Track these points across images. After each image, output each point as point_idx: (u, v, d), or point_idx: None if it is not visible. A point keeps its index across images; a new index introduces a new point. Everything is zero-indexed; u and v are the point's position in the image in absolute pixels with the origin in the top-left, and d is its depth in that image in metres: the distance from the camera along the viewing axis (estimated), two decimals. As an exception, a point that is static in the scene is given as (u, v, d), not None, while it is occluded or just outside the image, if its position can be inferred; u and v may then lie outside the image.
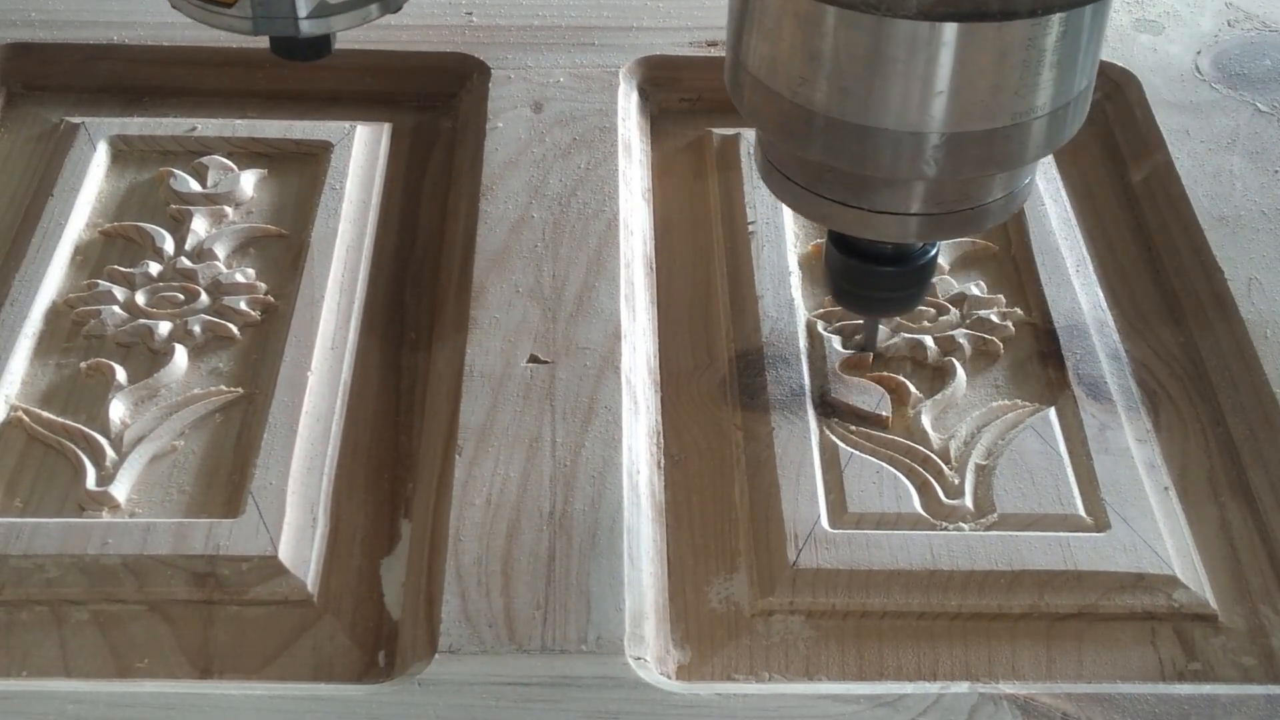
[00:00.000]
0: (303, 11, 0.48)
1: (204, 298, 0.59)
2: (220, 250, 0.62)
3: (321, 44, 0.50)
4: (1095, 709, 0.44)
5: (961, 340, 0.58)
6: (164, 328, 0.58)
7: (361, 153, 0.66)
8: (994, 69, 0.40)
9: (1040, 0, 0.38)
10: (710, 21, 0.73)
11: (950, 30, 0.39)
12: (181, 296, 0.59)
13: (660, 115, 0.71)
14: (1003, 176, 0.45)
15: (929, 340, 0.58)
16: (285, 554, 0.49)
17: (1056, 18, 0.40)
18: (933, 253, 0.51)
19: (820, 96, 0.42)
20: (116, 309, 0.59)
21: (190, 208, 0.64)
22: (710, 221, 0.65)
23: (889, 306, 0.54)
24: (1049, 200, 0.65)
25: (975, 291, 0.60)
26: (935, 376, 0.57)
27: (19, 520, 0.50)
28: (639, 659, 0.46)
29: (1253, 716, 0.45)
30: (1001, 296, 0.60)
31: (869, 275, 0.50)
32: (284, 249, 0.63)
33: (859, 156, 0.42)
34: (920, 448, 0.54)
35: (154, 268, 0.61)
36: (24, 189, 0.65)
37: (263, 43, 0.53)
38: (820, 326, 0.58)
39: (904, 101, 0.41)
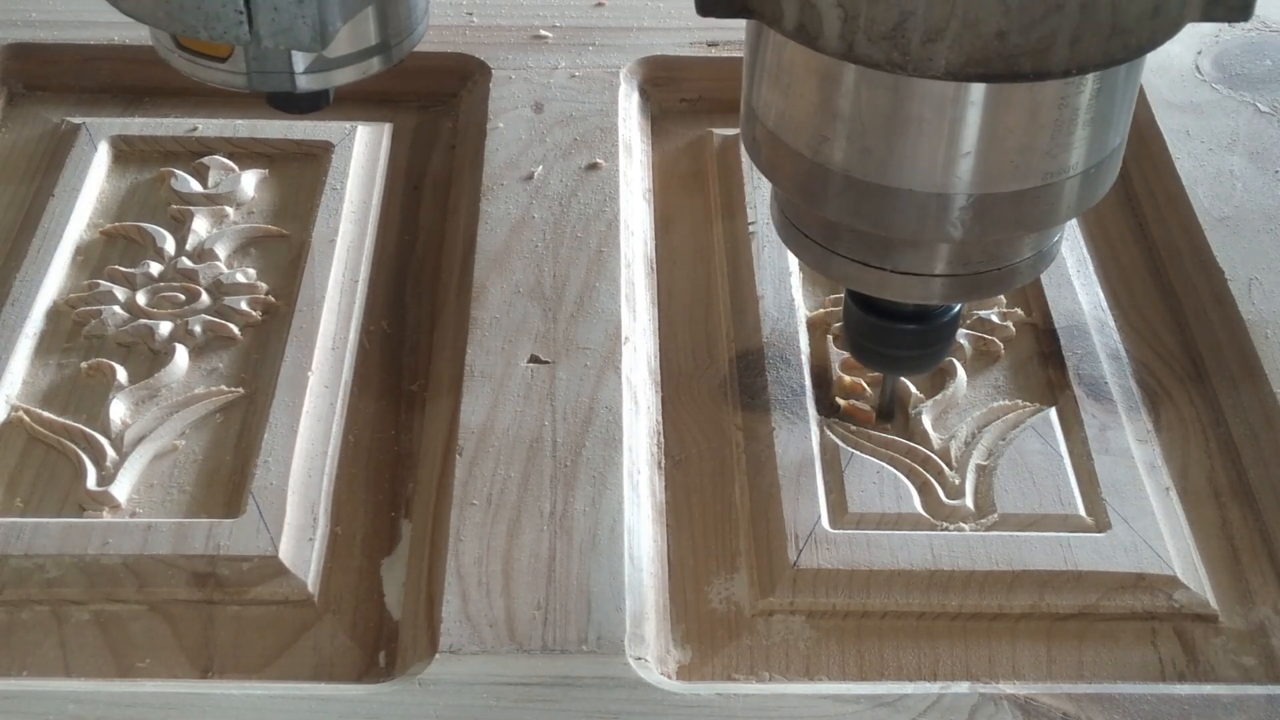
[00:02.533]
0: (299, 67, 0.46)
1: (205, 298, 0.59)
2: (221, 250, 0.62)
3: (319, 97, 0.48)
4: (1095, 709, 0.44)
5: (962, 341, 0.58)
6: (165, 328, 0.58)
7: (362, 153, 0.66)
8: (1024, 129, 0.38)
9: (1075, 59, 0.36)
10: (711, 22, 0.73)
11: (979, 90, 0.37)
12: (182, 296, 0.59)
13: (661, 115, 0.71)
14: (1032, 236, 0.43)
15: (929, 340, 0.58)
16: (286, 554, 0.49)
17: (1091, 76, 0.38)
18: (955, 310, 0.49)
19: (841, 156, 0.40)
20: (117, 309, 0.59)
21: (191, 208, 0.64)
22: (710, 221, 0.65)
23: (909, 365, 0.51)
24: (1049, 200, 0.65)
25: (976, 292, 0.60)
26: (936, 377, 0.57)
27: (19, 520, 0.50)
28: (639, 659, 0.46)
29: (1253, 716, 0.45)
30: (1002, 297, 0.60)
31: (889, 333, 0.48)
32: (285, 249, 0.63)
33: (881, 218, 0.41)
34: (921, 448, 0.54)
35: (155, 268, 0.61)
36: (25, 189, 0.65)
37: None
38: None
39: (929, 162, 0.39)
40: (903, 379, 0.56)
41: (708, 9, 0.38)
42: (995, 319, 0.59)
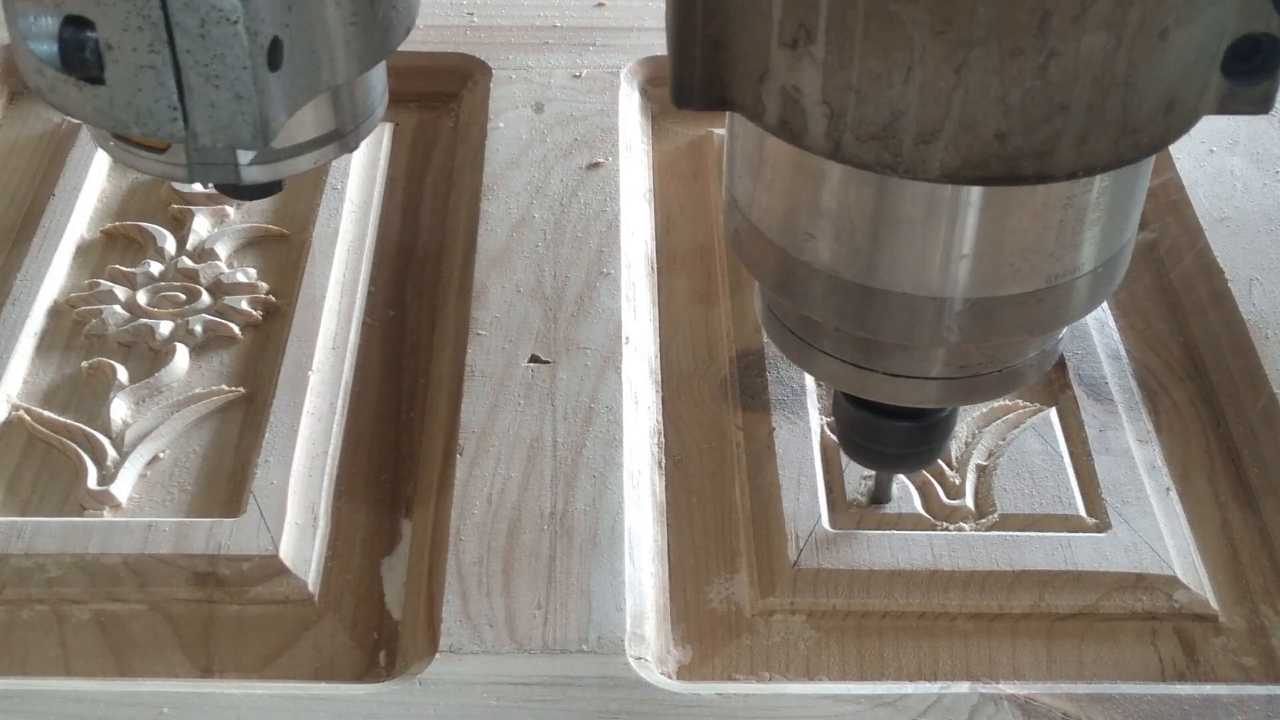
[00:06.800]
0: (244, 159, 0.42)
1: (205, 297, 0.59)
2: (221, 250, 0.62)
3: (271, 185, 0.44)
4: (1096, 709, 0.44)
5: (962, 341, 0.58)
6: (165, 327, 0.58)
7: (363, 152, 0.66)
8: (1026, 231, 0.35)
9: (1081, 161, 0.33)
10: (711, 22, 0.73)
11: (976, 192, 0.35)
12: (183, 296, 0.59)
13: (661, 115, 0.71)
14: (1036, 338, 0.41)
15: (930, 341, 0.57)
16: (286, 553, 0.49)
17: (1099, 175, 0.35)
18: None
19: (827, 255, 0.37)
20: (118, 308, 0.59)
21: (191, 207, 0.64)
22: (710, 221, 0.65)
23: (903, 463, 0.48)
24: (1050, 201, 0.65)
25: (976, 292, 0.60)
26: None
27: (20, 519, 0.50)
28: (640, 659, 0.46)
29: (1253, 716, 0.45)
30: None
31: (881, 430, 0.45)
32: (285, 248, 0.63)
33: (871, 321, 0.38)
34: (921, 448, 0.54)
35: (155, 267, 0.61)
36: (26, 188, 0.65)
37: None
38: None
39: (923, 264, 0.36)
40: None
41: (683, 101, 0.35)
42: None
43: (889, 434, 0.45)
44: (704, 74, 0.35)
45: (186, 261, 0.61)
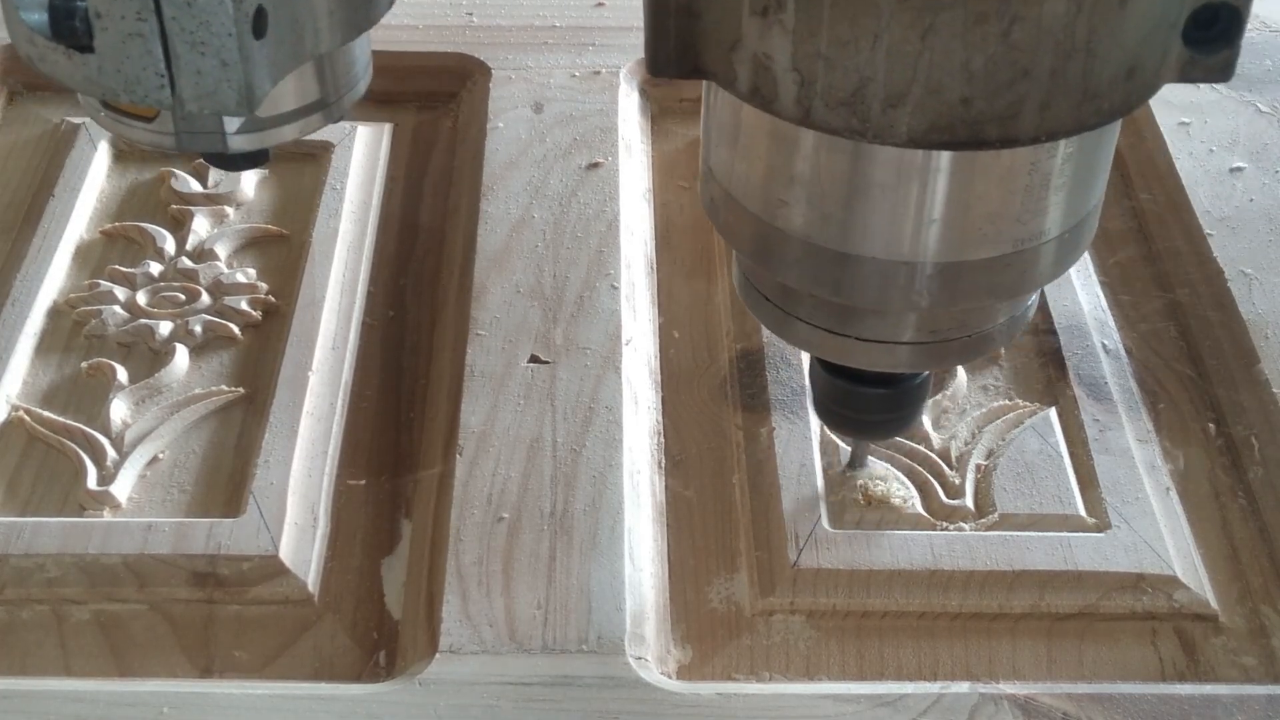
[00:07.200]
0: (231, 127, 0.44)
1: (205, 298, 0.59)
2: (221, 250, 0.62)
3: (258, 155, 0.45)
4: (1095, 709, 0.44)
5: (962, 340, 0.58)
6: (165, 328, 0.58)
7: (362, 153, 0.66)
8: (993, 196, 0.36)
9: (1044, 126, 0.34)
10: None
11: (944, 157, 0.35)
12: (182, 296, 0.59)
13: (661, 115, 0.71)
14: (1005, 303, 0.41)
15: (929, 340, 0.57)
16: (286, 553, 0.49)
17: (1063, 141, 0.36)
18: (926, 372, 0.47)
19: (800, 221, 0.38)
20: (118, 309, 0.59)
21: (191, 208, 0.64)
22: (710, 221, 0.65)
23: (879, 429, 0.49)
24: (1049, 200, 0.65)
25: (976, 292, 0.60)
26: (936, 377, 0.57)
27: (19, 520, 0.50)
28: (640, 659, 0.46)
29: (1253, 716, 0.45)
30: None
31: (856, 397, 0.46)
32: (285, 249, 0.63)
33: (843, 285, 0.39)
34: (921, 448, 0.54)
35: (155, 268, 0.61)
36: (25, 189, 0.65)
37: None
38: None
39: (893, 229, 0.37)
40: None
41: (658, 69, 0.36)
42: (995, 319, 0.59)
43: (863, 400, 0.46)
44: (678, 44, 0.36)
45: (186, 262, 0.61)
